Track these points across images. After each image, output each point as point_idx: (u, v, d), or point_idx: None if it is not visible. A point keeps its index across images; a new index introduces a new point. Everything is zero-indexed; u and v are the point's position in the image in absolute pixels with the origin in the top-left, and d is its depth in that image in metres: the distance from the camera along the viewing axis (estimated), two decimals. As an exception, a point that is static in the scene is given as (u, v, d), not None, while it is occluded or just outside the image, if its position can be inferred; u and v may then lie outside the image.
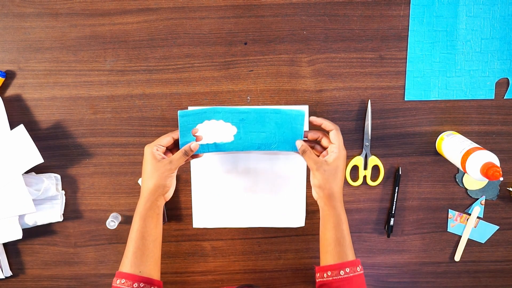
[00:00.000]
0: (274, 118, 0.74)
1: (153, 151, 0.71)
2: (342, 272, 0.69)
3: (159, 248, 0.73)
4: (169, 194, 0.74)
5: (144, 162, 0.71)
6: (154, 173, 0.70)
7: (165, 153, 0.73)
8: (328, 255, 0.71)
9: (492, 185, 0.85)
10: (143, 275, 0.69)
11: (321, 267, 0.71)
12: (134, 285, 0.68)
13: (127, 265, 0.70)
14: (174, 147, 0.75)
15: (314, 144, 0.76)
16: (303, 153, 0.73)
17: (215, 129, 0.74)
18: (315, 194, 0.74)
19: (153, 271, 0.71)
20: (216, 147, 0.75)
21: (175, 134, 0.73)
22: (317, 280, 0.72)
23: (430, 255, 0.88)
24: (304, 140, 0.75)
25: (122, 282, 0.69)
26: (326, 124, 0.73)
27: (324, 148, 0.74)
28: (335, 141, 0.72)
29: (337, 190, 0.71)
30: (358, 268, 0.70)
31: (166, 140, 0.72)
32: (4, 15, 0.78)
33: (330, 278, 0.69)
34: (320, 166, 0.71)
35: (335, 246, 0.70)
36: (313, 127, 0.78)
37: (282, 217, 0.85)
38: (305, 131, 0.75)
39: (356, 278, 0.69)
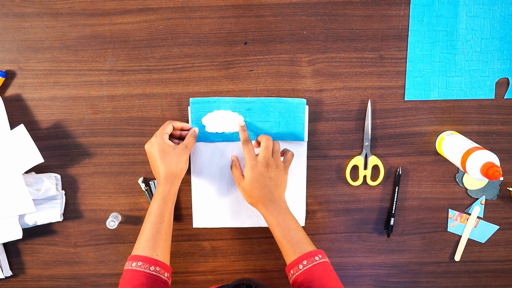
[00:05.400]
0: (278, 107, 0.80)
1: (165, 140, 0.74)
2: (300, 266, 0.69)
3: (171, 235, 0.74)
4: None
5: (159, 151, 0.73)
6: (174, 158, 0.73)
7: None
8: (286, 255, 0.72)
9: (492, 185, 0.85)
10: (158, 259, 0.69)
11: (286, 268, 0.72)
12: (150, 268, 0.67)
13: (144, 247, 0.69)
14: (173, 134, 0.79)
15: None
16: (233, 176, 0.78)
17: (223, 118, 0.80)
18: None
19: (167, 256, 0.71)
20: (224, 137, 0.80)
21: (175, 122, 0.77)
22: (290, 282, 0.72)
23: (430, 255, 0.88)
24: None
25: (139, 264, 0.67)
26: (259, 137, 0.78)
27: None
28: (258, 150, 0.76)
29: (267, 197, 0.73)
30: (316, 258, 0.69)
31: (169, 127, 0.76)
32: (4, 15, 0.78)
33: (295, 275, 0.69)
34: (239, 183, 0.76)
35: (286, 244, 0.71)
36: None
37: (282, 217, 0.85)
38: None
39: (316, 267, 0.68)
